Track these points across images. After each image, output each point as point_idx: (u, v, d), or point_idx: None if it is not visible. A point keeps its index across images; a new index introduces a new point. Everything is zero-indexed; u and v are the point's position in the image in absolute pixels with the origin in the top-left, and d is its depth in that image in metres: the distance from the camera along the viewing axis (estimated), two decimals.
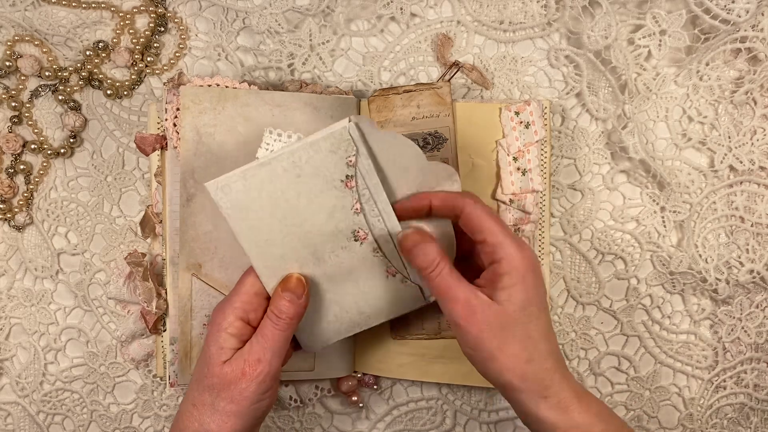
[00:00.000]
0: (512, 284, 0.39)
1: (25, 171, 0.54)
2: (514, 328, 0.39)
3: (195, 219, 0.48)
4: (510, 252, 0.40)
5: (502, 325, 0.39)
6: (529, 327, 0.40)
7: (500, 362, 0.39)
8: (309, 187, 0.43)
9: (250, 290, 0.43)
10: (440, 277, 0.40)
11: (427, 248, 0.41)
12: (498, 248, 0.40)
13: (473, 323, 0.39)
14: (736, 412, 0.56)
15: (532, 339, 0.40)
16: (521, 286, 0.39)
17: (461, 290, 0.40)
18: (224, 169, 0.45)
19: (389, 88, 0.51)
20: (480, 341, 0.39)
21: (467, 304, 0.39)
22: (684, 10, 0.50)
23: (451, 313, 0.40)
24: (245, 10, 0.52)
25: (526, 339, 0.39)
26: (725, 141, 0.53)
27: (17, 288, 0.55)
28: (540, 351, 0.40)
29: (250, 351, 0.41)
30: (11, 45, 0.53)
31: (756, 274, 0.53)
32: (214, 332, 0.42)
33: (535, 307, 0.40)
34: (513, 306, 0.39)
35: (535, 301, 0.40)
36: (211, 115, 0.48)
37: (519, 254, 0.40)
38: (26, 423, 0.56)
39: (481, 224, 0.41)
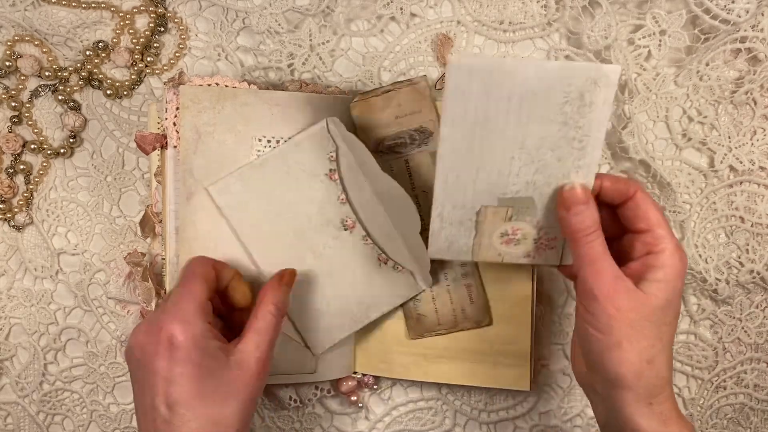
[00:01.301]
0: (665, 279, 0.38)
1: (25, 171, 0.54)
2: (650, 323, 0.37)
3: (195, 217, 0.48)
4: (671, 248, 0.38)
5: (640, 316, 0.37)
6: (663, 329, 0.38)
7: (624, 352, 0.37)
8: (298, 182, 0.48)
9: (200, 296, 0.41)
10: (593, 244, 0.38)
11: (586, 211, 0.38)
12: (660, 240, 0.38)
13: (613, 303, 0.37)
14: (736, 412, 0.56)
15: (662, 342, 0.38)
16: (672, 285, 0.38)
17: (610, 265, 0.38)
18: (224, 167, 0.48)
19: (368, 92, 0.51)
20: (613, 323, 0.37)
21: (614, 282, 0.37)
22: (684, 10, 0.50)
23: (595, 285, 0.37)
24: (245, 10, 0.52)
25: (657, 339, 0.38)
26: (725, 141, 0.53)
27: (17, 288, 0.55)
28: (664, 356, 0.38)
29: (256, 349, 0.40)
30: (11, 45, 0.53)
31: (756, 274, 0.53)
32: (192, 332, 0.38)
33: (673, 312, 0.39)
34: (657, 301, 0.37)
35: (676, 305, 0.39)
36: (211, 114, 0.48)
37: (678, 253, 0.38)
38: (26, 423, 0.56)
39: (648, 213, 0.39)
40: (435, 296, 0.51)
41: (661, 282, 0.38)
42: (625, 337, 0.37)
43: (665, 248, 0.38)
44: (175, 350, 0.38)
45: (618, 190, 0.40)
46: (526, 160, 0.38)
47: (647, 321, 0.37)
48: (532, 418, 0.56)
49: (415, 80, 0.51)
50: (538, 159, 0.38)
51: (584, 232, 0.38)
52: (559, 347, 0.55)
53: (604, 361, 0.38)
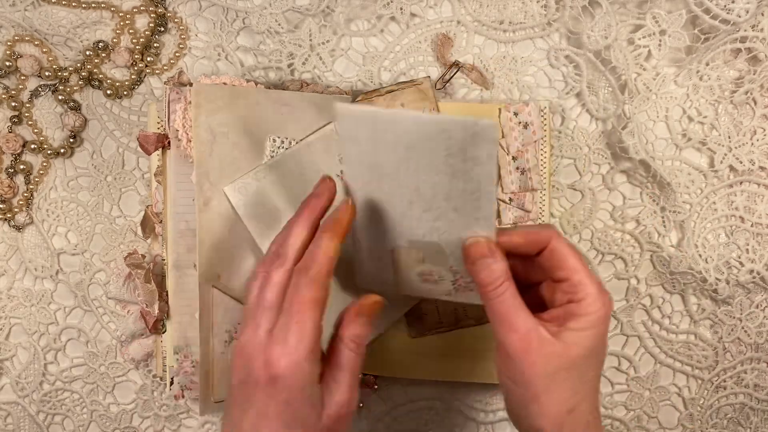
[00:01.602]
0: (585, 328, 0.36)
1: (25, 171, 0.54)
2: (569, 373, 0.36)
3: (212, 225, 0.47)
4: (593, 294, 0.37)
5: (558, 367, 0.36)
6: (587, 376, 0.37)
7: (542, 406, 0.36)
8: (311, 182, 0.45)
9: (320, 301, 0.36)
10: (502, 298, 0.37)
11: (494, 263, 0.37)
12: (580, 288, 0.37)
13: (528, 359, 0.36)
14: (736, 412, 0.56)
15: (585, 389, 0.37)
16: (593, 333, 0.37)
17: (522, 319, 0.36)
18: (240, 169, 0.47)
19: (372, 91, 0.51)
20: (530, 379, 0.36)
21: (526, 336, 0.36)
22: (684, 10, 0.50)
23: (506, 341, 0.36)
24: (245, 10, 0.52)
25: (579, 387, 0.37)
26: (725, 141, 0.53)
27: (17, 288, 0.55)
28: (586, 404, 0.37)
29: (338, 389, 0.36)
30: (11, 45, 0.53)
31: (756, 274, 0.53)
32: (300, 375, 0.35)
33: (597, 359, 0.38)
34: (577, 350, 0.36)
35: (600, 349, 0.38)
36: (225, 114, 0.47)
37: (600, 299, 0.37)
38: (26, 423, 0.56)
39: (566, 261, 0.38)
40: None
41: (582, 331, 0.37)
42: (542, 391, 0.36)
43: (586, 295, 0.37)
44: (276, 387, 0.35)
45: (531, 242, 0.39)
46: (424, 206, 0.37)
47: (566, 371, 0.36)
48: None
49: (418, 81, 0.51)
50: (436, 207, 0.37)
51: (492, 285, 0.37)
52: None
53: (524, 414, 0.38)
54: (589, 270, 0.38)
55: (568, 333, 0.36)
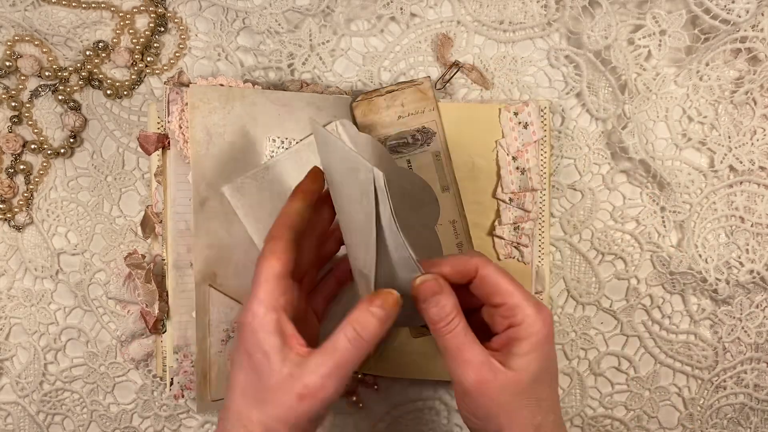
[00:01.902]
0: (529, 351, 0.37)
1: (25, 171, 0.54)
2: (526, 397, 0.37)
3: (209, 225, 0.47)
4: (529, 315, 0.37)
5: (512, 394, 0.36)
6: (541, 397, 0.37)
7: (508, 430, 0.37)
8: None
9: (270, 273, 0.36)
10: (453, 334, 0.37)
11: (442, 300, 0.37)
12: (517, 311, 0.37)
13: (485, 392, 0.36)
14: (736, 412, 0.56)
15: (542, 409, 0.37)
16: (539, 354, 0.37)
17: (475, 353, 0.36)
18: (236, 170, 0.47)
19: (372, 91, 0.51)
20: (489, 412, 0.37)
21: (479, 368, 0.36)
22: (684, 10, 0.50)
23: (461, 377, 0.37)
24: (245, 10, 0.52)
25: (537, 408, 0.37)
26: (725, 141, 0.53)
27: (17, 288, 0.55)
28: (549, 422, 0.37)
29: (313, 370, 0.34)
30: (11, 45, 0.53)
31: (756, 274, 0.53)
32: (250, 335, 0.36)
33: (549, 376, 0.38)
34: (528, 375, 0.36)
35: (549, 369, 0.38)
36: (221, 115, 0.47)
37: (539, 319, 0.37)
38: (26, 423, 0.56)
39: (498, 287, 0.38)
40: None
41: (527, 354, 0.36)
42: (504, 421, 0.37)
43: (524, 317, 0.37)
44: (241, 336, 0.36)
45: (458, 272, 0.38)
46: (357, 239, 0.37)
47: (523, 397, 0.37)
48: None
49: (418, 81, 0.51)
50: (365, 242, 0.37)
51: (443, 322, 0.37)
52: (559, 347, 0.55)
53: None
54: (524, 290, 0.38)
55: (514, 359, 0.36)
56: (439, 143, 0.51)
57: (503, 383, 0.36)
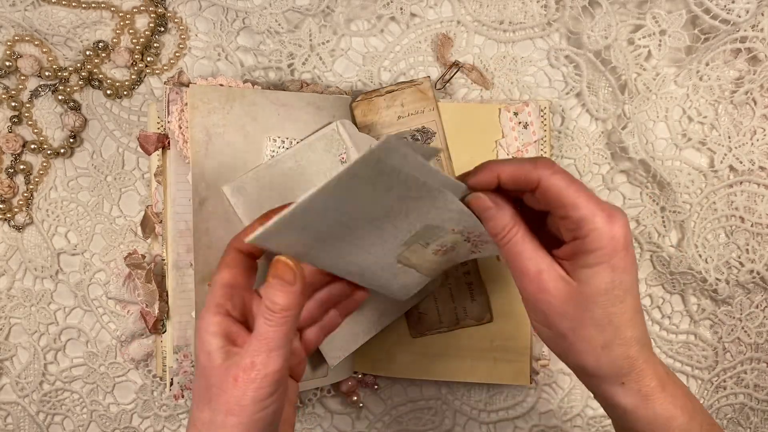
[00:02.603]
0: (597, 263, 0.34)
1: (25, 171, 0.54)
2: (592, 310, 0.35)
3: (208, 225, 0.47)
4: (598, 227, 0.34)
5: (576, 306, 0.35)
6: (611, 311, 0.35)
7: (572, 344, 0.36)
8: (311, 183, 0.46)
9: (221, 282, 0.37)
10: (511, 243, 0.36)
11: (498, 213, 0.36)
12: (583, 224, 0.34)
13: (542, 300, 0.35)
14: (736, 412, 0.56)
15: (613, 324, 0.35)
16: (607, 267, 0.34)
17: (533, 261, 0.35)
18: (236, 170, 0.47)
19: (372, 91, 0.51)
20: (551, 320, 0.36)
21: (537, 278, 0.35)
22: (684, 10, 0.50)
23: (519, 286, 0.36)
24: (245, 10, 0.52)
25: (606, 324, 0.35)
26: (725, 141, 0.53)
27: (17, 288, 0.55)
28: (621, 337, 0.35)
29: (243, 354, 0.35)
30: (11, 45, 0.53)
31: (756, 274, 0.53)
32: (198, 339, 0.37)
33: (621, 291, 0.35)
34: (594, 288, 0.34)
35: (622, 283, 0.35)
36: (220, 115, 0.47)
37: (608, 230, 0.34)
38: (26, 423, 0.56)
39: (561, 198, 0.35)
40: (436, 294, 0.51)
41: (594, 267, 0.34)
42: (568, 329, 0.35)
43: (590, 231, 0.34)
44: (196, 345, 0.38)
45: (520, 181, 0.36)
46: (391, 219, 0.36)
47: (588, 309, 0.35)
48: (531, 418, 0.56)
49: (418, 81, 0.51)
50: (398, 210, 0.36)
51: (501, 234, 0.36)
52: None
53: (561, 351, 0.37)
54: (593, 199, 0.35)
55: (580, 270, 0.35)
56: (439, 143, 0.51)
57: (562, 292, 0.35)
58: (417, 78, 0.52)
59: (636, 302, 0.36)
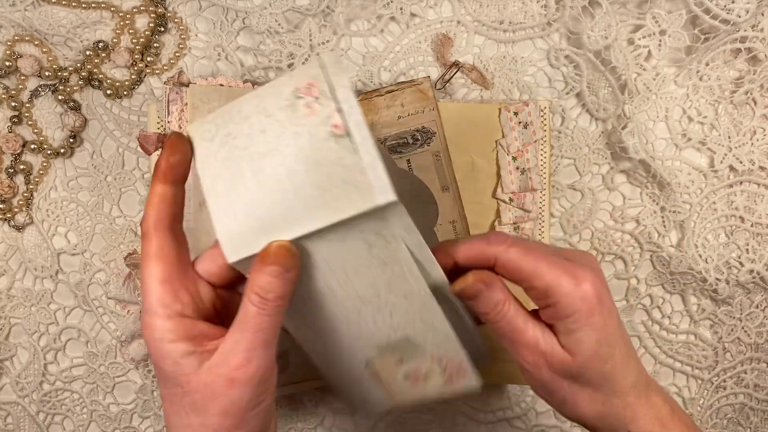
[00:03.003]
0: (578, 328, 0.34)
1: (25, 171, 0.54)
2: (587, 374, 0.35)
3: (209, 226, 0.46)
4: (566, 293, 0.34)
5: (573, 375, 0.35)
6: (604, 369, 0.35)
7: (574, 405, 0.36)
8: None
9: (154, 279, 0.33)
10: (505, 320, 0.36)
11: (488, 291, 0.35)
12: (550, 292, 0.34)
13: (542, 371, 0.36)
14: (736, 412, 0.56)
15: (608, 380, 0.35)
16: (588, 329, 0.34)
17: (530, 332, 0.35)
18: None
19: (372, 91, 0.51)
20: (551, 387, 0.36)
21: (535, 349, 0.35)
22: (684, 10, 0.50)
23: (517, 357, 0.36)
24: (245, 10, 0.52)
25: (603, 382, 0.35)
26: (725, 141, 0.53)
27: (17, 288, 0.55)
28: (619, 390, 0.36)
29: (233, 350, 0.32)
30: (11, 45, 0.53)
31: (756, 274, 0.53)
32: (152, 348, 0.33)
33: (607, 347, 0.35)
34: (584, 353, 0.34)
35: (607, 339, 0.35)
36: None
37: (578, 293, 0.34)
38: (26, 423, 0.56)
39: (521, 271, 0.35)
40: None
41: (577, 332, 0.34)
42: (568, 394, 0.36)
43: (560, 296, 0.34)
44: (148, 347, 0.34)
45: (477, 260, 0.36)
46: (373, 309, 0.35)
47: (583, 373, 0.35)
48: (530, 418, 0.56)
49: (418, 81, 0.51)
50: (384, 303, 0.35)
51: (494, 311, 0.35)
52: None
53: (562, 409, 0.37)
54: (552, 264, 0.34)
55: (564, 337, 0.35)
56: (439, 143, 0.51)
57: (558, 361, 0.35)
58: (417, 78, 0.52)
59: (625, 348, 0.36)
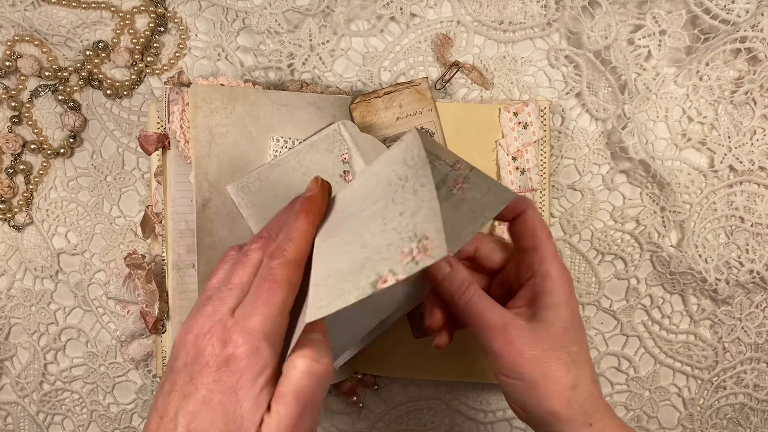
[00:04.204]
0: (558, 303, 0.37)
1: (24, 171, 0.54)
2: (558, 351, 0.37)
3: (211, 225, 0.47)
4: (557, 267, 0.38)
5: (545, 349, 0.36)
6: (573, 350, 0.37)
7: (544, 389, 0.37)
8: None
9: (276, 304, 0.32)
10: (471, 301, 0.37)
11: (452, 273, 0.38)
12: (545, 261, 0.38)
13: (513, 351, 0.36)
14: (736, 412, 0.56)
15: (576, 363, 0.37)
16: (566, 305, 0.37)
17: (497, 315, 0.37)
18: (239, 170, 0.47)
19: (370, 93, 0.51)
20: (522, 370, 0.37)
21: (504, 329, 0.36)
22: (684, 10, 0.50)
23: (488, 341, 0.37)
24: (245, 10, 0.52)
25: (571, 363, 0.37)
26: (725, 141, 0.53)
27: (17, 288, 0.55)
28: (584, 376, 0.37)
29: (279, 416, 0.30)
30: (11, 45, 0.53)
31: (756, 274, 0.53)
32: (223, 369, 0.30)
33: (575, 330, 0.38)
34: (558, 327, 0.37)
35: (577, 322, 0.38)
36: (223, 115, 0.47)
37: (564, 272, 0.38)
38: (26, 423, 0.56)
39: (536, 232, 0.38)
40: None
41: (556, 307, 0.37)
42: (539, 376, 0.36)
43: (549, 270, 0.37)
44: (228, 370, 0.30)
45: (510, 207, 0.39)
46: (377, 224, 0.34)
47: (555, 349, 0.37)
48: None
49: (416, 81, 0.51)
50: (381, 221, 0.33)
51: (459, 291, 0.38)
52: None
53: (531, 402, 0.38)
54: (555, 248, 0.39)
55: (542, 311, 0.37)
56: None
57: (530, 338, 0.36)
58: (415, 79, 0.52)
59: (587, 347, 0.39)
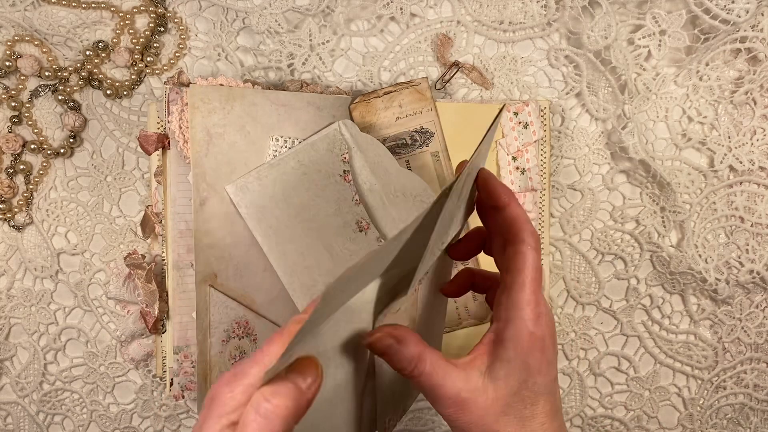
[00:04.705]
0: (512, 359, 0.34)
1: (24, 171, 0.54)
2: (507, 414, 0.35)
3: (209, 226, 0.47)
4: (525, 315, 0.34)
5: (493, 415, 0.35)
6: (524, 414, 0.35)
7: None
8: (314, 182, 0.47)
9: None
10: (423, 376, 0.35)
11: (401, 352, 0.34)
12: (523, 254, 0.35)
13: (463, 420, 0.35)
14: (736, 412, 0.56)
15: (537, 419, 0.35)
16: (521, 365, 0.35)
17: (449, 384, 0.35)
18: (237, 170, 0.47)
19: (370, 93, 0.51)
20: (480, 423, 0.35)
21: (456, 399, 0.35)
22: (684, 10, 0.50)
23: (438, 410, 0.36)
24: (245, 10, 0.52)
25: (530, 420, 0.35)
26: (725, 141, 0.53)
27: (17, 288, 0.55)
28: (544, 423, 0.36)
29: None
30: (11, 45, 0.53)
31: (756, 274, 0.53)
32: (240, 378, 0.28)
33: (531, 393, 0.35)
34: (507, 388, 0.35)
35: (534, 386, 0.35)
36: (221, 115, 0.47)
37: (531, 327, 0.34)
38: (26, 423, 0.56)
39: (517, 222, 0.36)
40: None
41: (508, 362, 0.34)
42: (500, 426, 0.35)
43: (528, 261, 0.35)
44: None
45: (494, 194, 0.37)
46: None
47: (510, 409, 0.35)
48: None
49: (416, 81, 0.51)
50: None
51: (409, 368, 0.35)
52: (559, 347, 0.55)
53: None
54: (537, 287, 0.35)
55: (495, 366, 0.35)
56: (438, 143, 0.51)
57: (483, 405, 0.35)
58: (415, 78, 0.52)
59: (551, 406, 0.36)
